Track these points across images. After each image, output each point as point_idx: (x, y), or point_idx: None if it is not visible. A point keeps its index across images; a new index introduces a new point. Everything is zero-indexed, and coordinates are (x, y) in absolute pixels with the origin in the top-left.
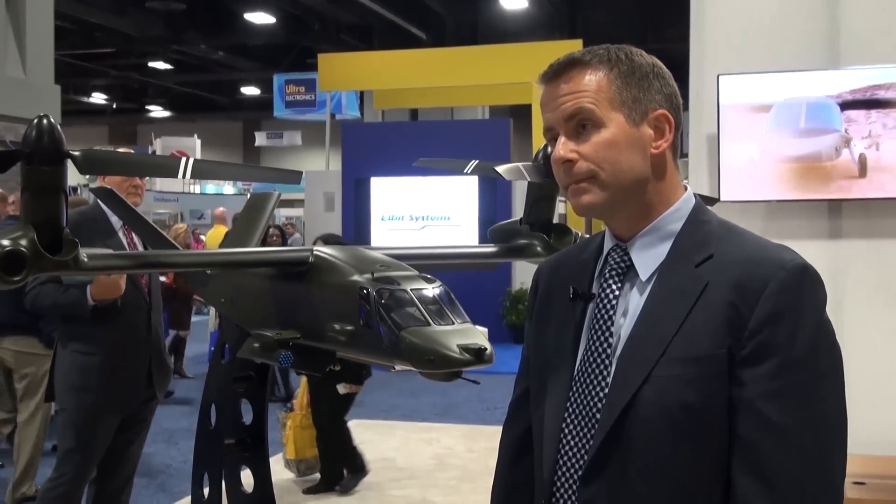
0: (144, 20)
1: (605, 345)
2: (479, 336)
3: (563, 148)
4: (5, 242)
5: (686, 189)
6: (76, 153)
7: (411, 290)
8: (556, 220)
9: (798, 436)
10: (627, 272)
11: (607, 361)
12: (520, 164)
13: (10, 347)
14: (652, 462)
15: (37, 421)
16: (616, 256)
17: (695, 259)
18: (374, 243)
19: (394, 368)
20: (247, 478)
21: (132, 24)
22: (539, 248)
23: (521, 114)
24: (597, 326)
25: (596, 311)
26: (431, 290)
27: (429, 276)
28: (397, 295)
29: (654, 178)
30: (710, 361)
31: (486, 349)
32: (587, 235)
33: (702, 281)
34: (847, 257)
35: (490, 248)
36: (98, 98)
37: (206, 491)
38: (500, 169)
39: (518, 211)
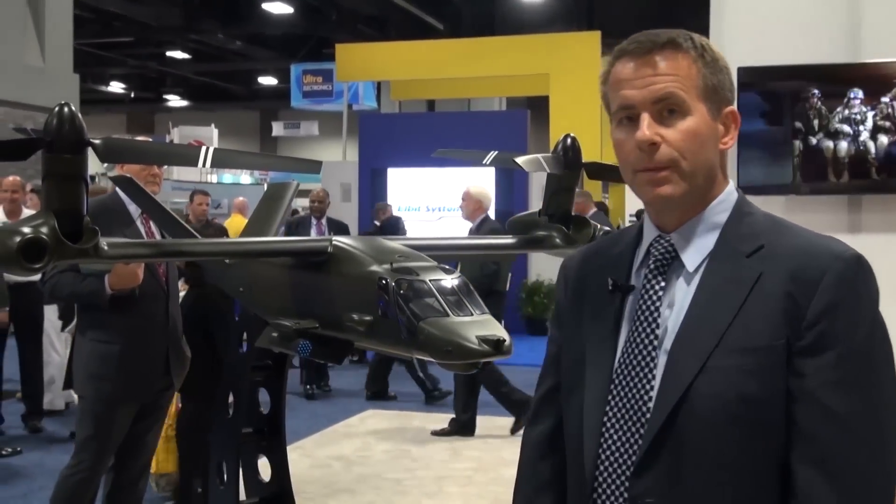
0: (162, 9)
1: (652, 336)
2: (497, 327)
3: (650, 129)
4: (26, 230)
5: (729, 181)
6: (97, 141)
7: (430, 280)
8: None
9: (860, 426)
10: (672, 263)
11: (654, 353)
12: (539, 156)
13: None
14: (708, 454)
15: None
16: (660, 247)
17: (745, 249)
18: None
19: (412, 358)
20: (263, 466)
21: (150, 13)
22: (558, 240)
23: (538, 105)
24: (641, 318)
25: (640, 302)
26: (450, 280)
27: (447, 266)
28: (416, 285)
29: (721, 173)
30: (768, 352)
31: (504, 340)
32: (606, 228)
33: (755, 271)
34: (866, 252)
35: (508, 240)
36: (116, 87)
37: (223, 479)
38: (520, 160)
39: (535, 203)
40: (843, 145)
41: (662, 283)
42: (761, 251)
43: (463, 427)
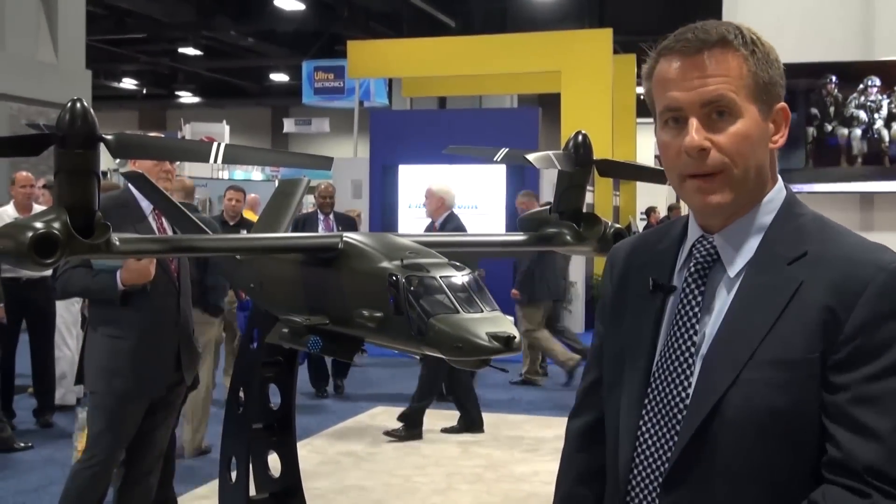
0: (174, 6)
1: (690, 342)
2: (507, 324)
3: (699, 135)
4: (38, 225)
5: (778, 179)
6: (109, 137)
7: (440, 277)
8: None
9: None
10: (713, 266)
11: (691, 360)
12: (550, 153)
13: None
14: (738, 468)
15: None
16: (702, 249)
17: (787, 256)
18: (401, 231)
19: (421, 356)
20: (273, 462)
21: (162, 10)
22: (568, 237)
23: (549, 102)
24: (680, 323)
25: (679, 306)
26: (460, 277)
27: (458, 263)
28: (426, 282)
29: (770, 172)
30: (802, 365)
31: (514, 337)
32: (617, 225)
33: (795, 280)
34: None
35: (519, 237)
36: (128, 83)
37: (233, 475)
38: (531, 157)
39: (545, 200)
40: (858, 133)
41: (702, 288)
42: (804, 258)
43: (471, 424)
